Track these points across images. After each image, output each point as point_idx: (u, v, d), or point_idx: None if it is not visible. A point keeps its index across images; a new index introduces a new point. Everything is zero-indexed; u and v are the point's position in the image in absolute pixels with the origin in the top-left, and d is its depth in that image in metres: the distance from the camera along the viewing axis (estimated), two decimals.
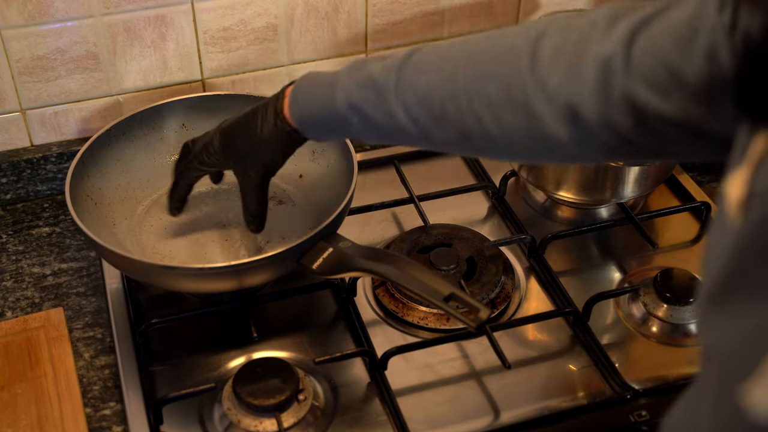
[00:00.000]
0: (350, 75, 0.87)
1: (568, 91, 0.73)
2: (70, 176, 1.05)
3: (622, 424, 0.97)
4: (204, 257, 1.09)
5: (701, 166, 1.31)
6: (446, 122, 0.81)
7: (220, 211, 1.15)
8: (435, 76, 0.81)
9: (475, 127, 0.79)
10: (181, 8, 1.19)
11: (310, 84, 0.92)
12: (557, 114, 0.74)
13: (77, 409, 0.98)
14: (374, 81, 0.85)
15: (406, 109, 0.83)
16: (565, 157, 0.78)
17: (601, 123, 0.72)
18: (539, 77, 0.74)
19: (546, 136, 0.76)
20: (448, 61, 0.81)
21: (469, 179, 1.29)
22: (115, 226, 1.11)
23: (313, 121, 0.92)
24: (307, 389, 0.98)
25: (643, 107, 0.69)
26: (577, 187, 1.17)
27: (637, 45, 0.69)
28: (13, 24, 1.13)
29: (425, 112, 0.82)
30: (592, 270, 1.17)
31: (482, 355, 1.04)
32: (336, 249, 0.99)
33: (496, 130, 0.78)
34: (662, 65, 0.67)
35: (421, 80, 0.82)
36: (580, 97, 0.72)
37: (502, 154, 0.83)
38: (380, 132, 0.87)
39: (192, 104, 1.19)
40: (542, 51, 0.75)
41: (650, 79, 0.68)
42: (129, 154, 1.16)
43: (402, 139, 0.87)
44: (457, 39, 0.84)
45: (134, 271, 1.04)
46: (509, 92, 0.76)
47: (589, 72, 0.71)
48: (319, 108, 0.90)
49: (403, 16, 1.30)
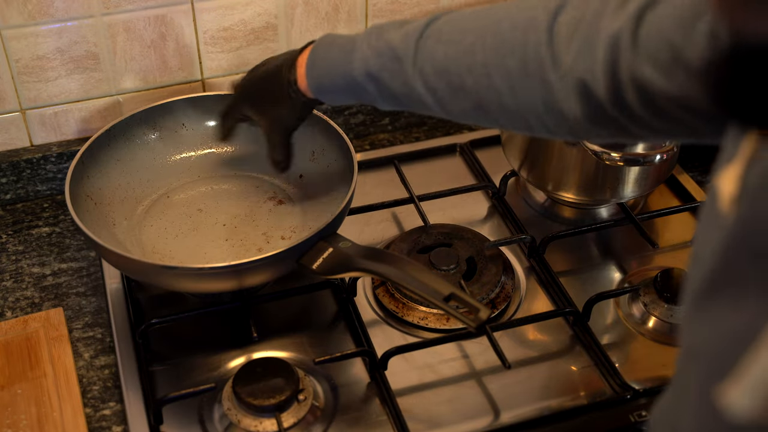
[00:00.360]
0: (368, 43, 0.88)
1: (582, 68, 0.73)
2: (69, 176, 1.05)
3: (622, 424, 0.97)
4: (204, 257, 1.09)
5: (701, 166, 1.31)
6: (463, 94, 0.81)
7: (220, 211, 1.15)
8: (453, 48, 0.81)
9: (492, 99, 0.80)
10: (181, 8, 1.19)
11: (327, 49, 0.92)
12: (571, 90, 0.75)
13: (77, 409, 0.98)
14: (393, 50, 0.85)
15: (424, 79, 0.84)
16: (580, 133, 0.78)
17: (611, 101, 0.72)
18: (556, 53, 0.75)
19: (560, 112, 0.76)
20: (467, 33, 0.81)
21: (469, 179, 1.29)
22: (115, 226, 1.11)
23: (329, 87, 0.93)
24: (307, 389, 0.98)
25: (648, 86, 0.69)
26: (577, 187, 1.17)
27: (645, 24, 0.69)
28: (13, 24, 1.13)
29: (443, 83, 0.82)
30: (592, 270, 1.17)
31: (482, 355, 1.04)
32: (336, 249, 0.99)
33: (512, 103, 0.79)
34: (666, 45, 0.67)
35: (440, 51, 0.82)
36: (592, 75, 0.73)
37: (517, 127, 0.83)
38: (396, 101, 0.88)
39: (192, 104, 1.19)
40: (559, 26, 0.75)
41: (655, 58, 0.68)
42: (129, 154, 1.16)
43: (418, 107, 0.88)
44: (478, 8, 0.84)
45: (134, 271, 1.04)
46: (527, 67, 0.77)
47: (600, 50, 0.72)
48: (336, 75, 0.91)
49: (403, 16, 1.30)
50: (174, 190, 1.18)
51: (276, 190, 1.17)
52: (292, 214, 1.14)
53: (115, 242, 1.07)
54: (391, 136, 1.38)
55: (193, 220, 1.14)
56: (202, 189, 1.18)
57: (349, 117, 1.34)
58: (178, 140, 1.20)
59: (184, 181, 1.19)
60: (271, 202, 1.16)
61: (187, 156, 1.20)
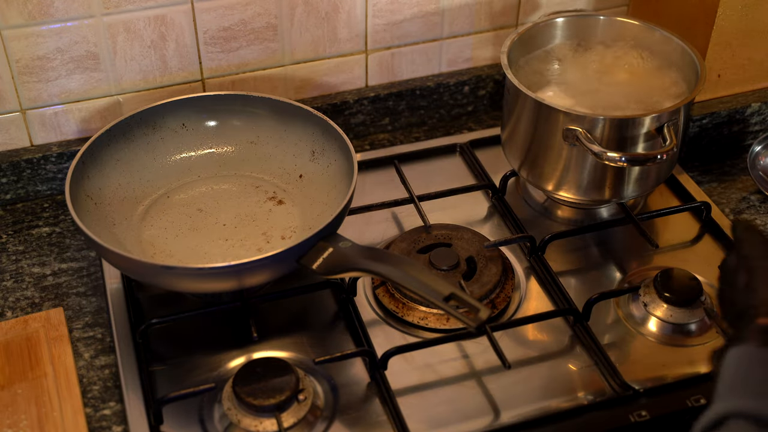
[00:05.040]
0: None
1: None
2: (70, 176, 1.05)
3: (622, 424, 0.97)
4: (204, 257, 1.09)
5: (701, 166, 1.31)
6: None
7: (220, 211, 1.15)
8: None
9: None
10: (181, 8, 1.19)
11: None
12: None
13: (77, 409, 0.98)
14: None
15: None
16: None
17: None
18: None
19: None
20: None
21: (469, 179, 1.29)
22: (115, 226, 1.11)
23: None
24: (307, 389, 0.98)
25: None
26: (577, 187, 1.17)
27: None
28: (13, 24, 1.13)
29: None
30: (592, 270, 1.17)
31: (482, 355, 1.04)
32: (336, 249, 0.99)
33: None
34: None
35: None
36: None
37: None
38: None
39: (192, 104, 1.19)
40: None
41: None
42: (129, 154, 1.16)
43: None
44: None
45: (134, 271, 1.04)
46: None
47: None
48: None
49: (403, 16, 1.30)
50: (174, 190, 1.18)
51: (276, 190, 1.17)
52: (292, 214, 1.14)
53: (116, 242, 1.08)
54: (391, 136, 1.38)
55: (193, 220, 1.14)
56: (202, 189, 1.18)
57: (349, 117, 1.34)
58: (178, 140, 1.20)
59: (184, 181, 1.19)
60: (271, 202, 1.16)
61: (188, 156, 1.20)
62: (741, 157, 1.32)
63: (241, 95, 1.18)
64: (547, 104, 1.11)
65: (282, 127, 1.19)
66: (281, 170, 1.19)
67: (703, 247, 1.20)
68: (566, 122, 1.10)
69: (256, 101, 1.18)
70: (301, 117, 1.17)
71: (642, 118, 1.08)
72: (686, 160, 1.31)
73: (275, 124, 1.19)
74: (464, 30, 1.35)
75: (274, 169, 1.19)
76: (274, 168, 1.19)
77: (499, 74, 1.38)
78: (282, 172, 1.19)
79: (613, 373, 1.02)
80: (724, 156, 1.33)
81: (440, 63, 1.37)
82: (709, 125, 1.31)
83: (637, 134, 1.09)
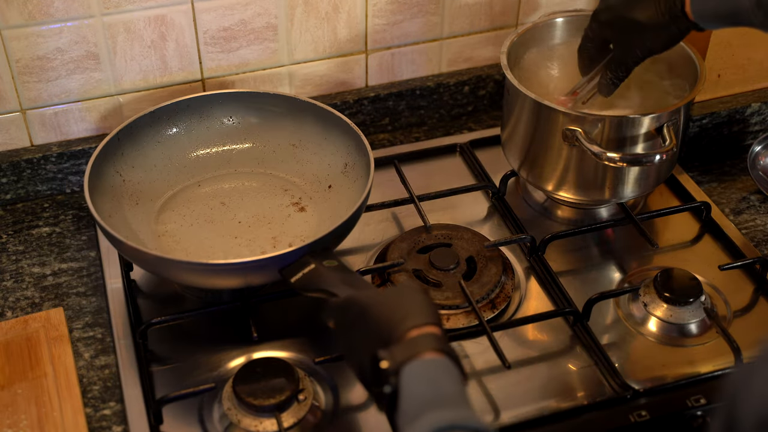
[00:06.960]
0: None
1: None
2: (99, 149, 1.09)
3: (622, 424, 0.98)
4: (209, 250, 1.09)
5: (701, 166, 1.31)
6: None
7: (241, 208, 1.15)
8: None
9: None
10: (181, 8, 1.19)
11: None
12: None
13: (77, 409, 0.98)
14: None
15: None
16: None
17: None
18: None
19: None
20: None
21: (469, 179, 1.30)
22: (137, 205, 1.13)
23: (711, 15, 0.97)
24: (307, 389, 0.98)
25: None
26: (577, 187, 1.17)
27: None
28: (13, 24, 1.13)
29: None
30: (592, 270, 1.17)
31: (482, 355, 1.04)
32: (318, 267, 0.96)
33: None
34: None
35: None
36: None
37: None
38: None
39: (243, 99, 1.20)
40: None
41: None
42: (171, 138, 1.19)
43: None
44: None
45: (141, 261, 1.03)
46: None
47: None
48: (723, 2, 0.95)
49: (403, 16, 1.30)
50: (207, 180, 1.19)
51: (302, 196, 1.17)
52: (308, 222, 1.14)
53: (125, 222, 1.09)
54: (391, 136, 1.38)
55: (212, 213, 1.14)
56: (233, 183, 1.18)
57: (349, 117, 1.34)
58: (222, 132, 1.21)
59: (219, 172, 1.20)
60: (293, 208, 1.15)
61: (229, 149, 1.21)
62: (741, 157, 1.32)
63: (288, 97, 1.19)
64: (547, 104, 1.11)
65: (323, 135, 1.19)
66: (313, 177, 1.18)
67: (703, 247, 1.20)
68: (566, 122, 1.10)
69: (302, 105, 1.18)
70: (342, 128, 1.16)
71: (641, 118, 1.08)
72: (686, 160, 1.31)
73: (319, 131, 1.19)
74: (464, 30, 1.35)
75: (307, 175, 1.19)
76: (307, 174, 1.19)
77: (499, 74, 1.38)
78: (314, 179, 1.18)
79: (612, 373, 1.02)
80: (724, 156, 1.33)
81: (440, 63, 1.37)
82: (709, 125, 1.31)
83: (637, 134, 1.09)
